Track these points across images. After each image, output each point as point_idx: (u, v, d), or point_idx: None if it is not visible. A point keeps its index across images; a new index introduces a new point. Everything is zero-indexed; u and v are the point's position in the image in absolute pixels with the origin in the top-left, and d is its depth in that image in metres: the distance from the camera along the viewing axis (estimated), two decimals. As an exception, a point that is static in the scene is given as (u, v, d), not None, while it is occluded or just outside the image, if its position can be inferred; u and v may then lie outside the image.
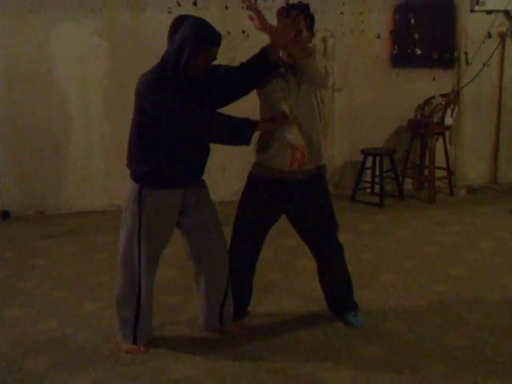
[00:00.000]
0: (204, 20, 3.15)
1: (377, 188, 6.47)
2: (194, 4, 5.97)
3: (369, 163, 6.45)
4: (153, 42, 5.97)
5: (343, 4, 6.30)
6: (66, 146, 6.08)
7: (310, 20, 3.34)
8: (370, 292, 4.14)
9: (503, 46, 6.69)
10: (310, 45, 3.28)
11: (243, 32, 6.08)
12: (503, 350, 3.37)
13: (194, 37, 3.02)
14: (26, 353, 3.41)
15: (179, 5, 5.95)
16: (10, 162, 6.00)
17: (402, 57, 6.57)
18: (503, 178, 7.01)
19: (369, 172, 6.55)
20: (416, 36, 6.54)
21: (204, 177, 3.35)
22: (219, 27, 6.39)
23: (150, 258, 3.29)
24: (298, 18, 3.14)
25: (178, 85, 3.04)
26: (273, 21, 3.26)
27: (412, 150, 6.65)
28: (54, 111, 5.98)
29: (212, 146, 3.27)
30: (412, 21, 6.50)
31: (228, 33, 6.06)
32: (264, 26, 3.13)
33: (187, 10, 5.94)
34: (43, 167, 6.05)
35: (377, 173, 6.42)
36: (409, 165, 6.73)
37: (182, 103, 3.00)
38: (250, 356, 3.36)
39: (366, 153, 6.35)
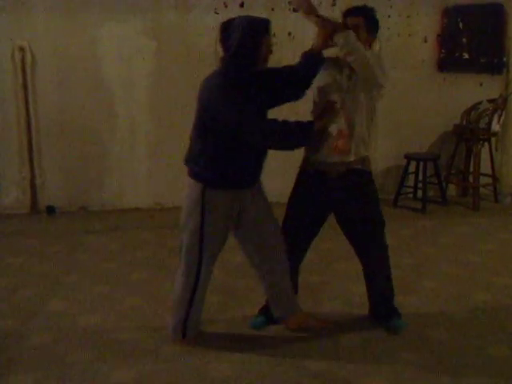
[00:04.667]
0: (248, 15, 3.22)
1: (420, 193, 6.39)
2: (241, 5, 6.00)
3: (412, 168, 6.39)
4: (199, 43, 6.04)
5: (390, 7, 6.25)
6: (111, 144, 6.17)
7: (371, 24, 3.44)
8: (412, 298, 4.10)
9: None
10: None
11: (289, 34, 6.09)
12: (548, 362, 3.31)
13: (251, 32, 3.07)
14: (68, 346, 3.48)
15: (226, 6, 5.98)
16: (55, 158, 6.12)
17: (449, 61, 6.48)
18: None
19: (412, 177, 6.48)
20: (464, 40, 6.45)
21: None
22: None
23: (211, 256, 3.37)
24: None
25: (240, 88, 3.11)
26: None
27: (457, 156, 6.56)
28: (100, 109, 6.07)
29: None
30: (460, 25, 6.41)
31: (274, 34, 6.05)
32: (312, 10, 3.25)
33: (234, 11, 5.97)
34: (88, 164, 6.16)
35: (420, 178, 6.35)
36: (453, 170, 6.64)
37: (242, 115, 3.07)
38: (289, 358, 3.35)
39: (409, 157, 6.29)
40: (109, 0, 5.86)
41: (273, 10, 6.04)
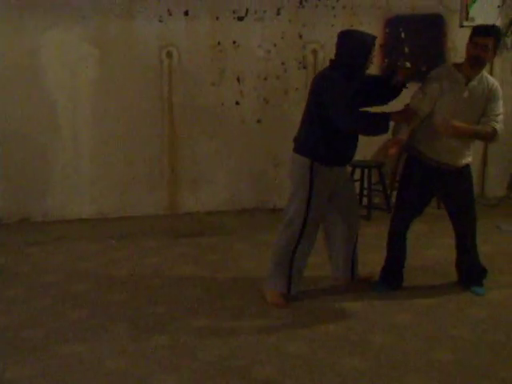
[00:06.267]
0: (361, 31, 4.11)
1: (365, 200, 6.47)
2: (186, 14, 5.97)
3: (357, 175, 6.47)
4: (143, 51, 5.99)
5: (334, 16, 6.33)
6: (54, 154, 6.04)
7: (498, 44, 3.98)
8: (357, 302, 4.14)
9: (492, 62, 6.74)
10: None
11: (234, 42, 6.09)
12: (487, 364, 3.38)
13: (362, 46, 3.90)
14: (9, 361, 3.38)
15: (170, 14, 5.95)
16: (-4, 168, 5.96)
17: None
18: (490, 193, 7.04)
19: (357, 184, 6.55)
20: (406, 50, 6.58)
21: (191, 187, 3.37)
22: (209, 37, 6.47)
23: (314, 221, 4.07)
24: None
25: (348, 80, 3.89)
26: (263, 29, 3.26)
27: (401, 164, 6.66)
28: (42, 119, 5.94)
29: (197, 159, 3.28)
30: (402, 34, 6.54)
31: (218, 43, 6.08)
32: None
33: (178, 19, 5.96)
34: (30, 175, 6.01)
35: (365, 185, 6.44)
36: (397, 178, 6.73)
37: (340, 100, 3.82)
38: (235, 368, 3.34)
39: (354, 165, 6.36)
40: (51, 7, 5.75)
41: (217, 18, 6.04)
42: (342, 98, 3.83)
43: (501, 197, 6.91)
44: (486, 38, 3.88)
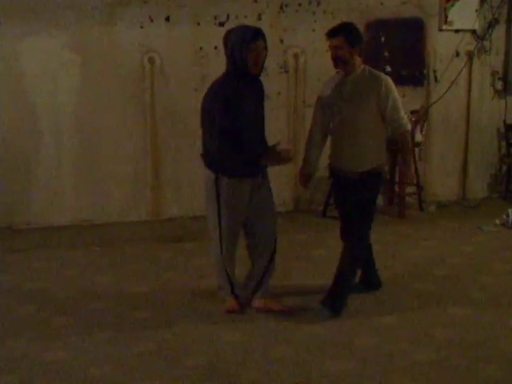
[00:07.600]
0: (241, 25, 3.96)
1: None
2: (167, 19, 5.98)
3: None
4: (125, 57, 5.99)
5: (315, 21, 6.36)
6: (36, 161, 6.01)
7: (352, 38, 3.95)
8: (341, 307, 4.17)
9: (470, 65, 6.82)
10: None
11: (215, 48, 6.10)
12: (470, 363, 3.41)
13: (238, 39, 3.65)
14: (-8, 370, 3.37)
15: (151, 20, 5.95)
16: (-22, 176, 5.91)
17: (373, 74, 6.64)
18: (471, 194, 7.11)
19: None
20: (386, 54, 6.63)
21: (175, 192, 3.38)
22: (191, 43, 6.47)
23: (230, 232, 3.93)
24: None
25: (238, 84, 3.75)
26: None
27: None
28: (24, 126, 5.91)
29: (180, 164, 3.28)
30: (382, 39, 6.59)
31: (200, 48, 6.09)
32: None
33: (159, 25, 5.97)
34: (12, 182, 5.97)
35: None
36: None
37: (213, 127, 3.73)
38: (220, 373, 3.35)
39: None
40: (31, 13, 5.72)
41: (198, 24, 6.05)
42: (218, 122, 3.71)
43: (482, 198, 6.97)
44: (333, 40, 3.93)
